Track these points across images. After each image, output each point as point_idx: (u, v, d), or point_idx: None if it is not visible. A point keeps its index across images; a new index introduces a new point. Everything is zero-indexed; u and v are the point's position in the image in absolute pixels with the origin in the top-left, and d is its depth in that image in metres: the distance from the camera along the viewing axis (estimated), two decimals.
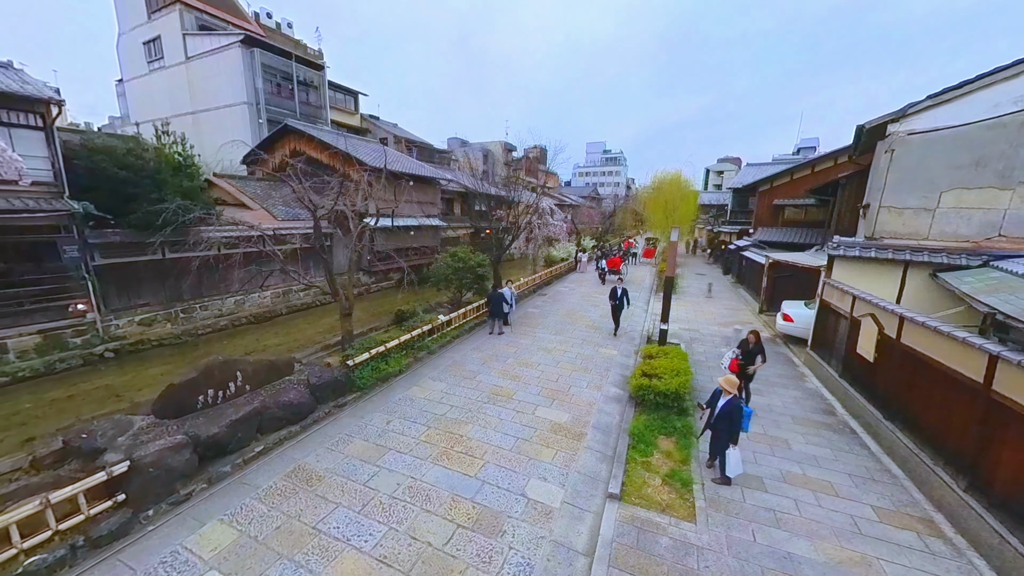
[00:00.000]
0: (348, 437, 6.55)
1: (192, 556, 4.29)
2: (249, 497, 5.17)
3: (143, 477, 4.87)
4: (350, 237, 10.35)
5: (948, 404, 5.40)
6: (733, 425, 5.36)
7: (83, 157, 11.82)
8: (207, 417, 6.01)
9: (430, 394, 8.13)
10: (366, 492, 5.28)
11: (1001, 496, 4.48)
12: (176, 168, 13.73)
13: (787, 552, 4.50)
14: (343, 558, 4.29)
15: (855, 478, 5.82)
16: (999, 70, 7.61)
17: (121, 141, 13.45)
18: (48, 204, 10.92)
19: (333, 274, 9.75)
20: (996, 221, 8.02)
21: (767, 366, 8.08)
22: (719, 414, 5.46)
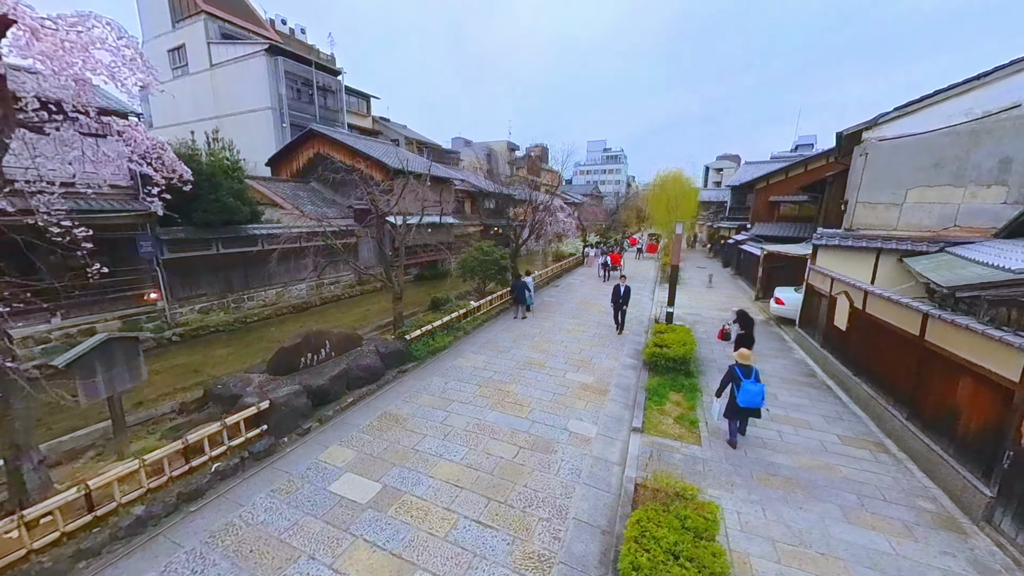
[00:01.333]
0: (417, 393, 8.06)
1: (328, 466, 5.79)
2: (355, 431, 6.67)
3: (278, 414, 6.37)
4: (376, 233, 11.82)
5: (896, 356, 6.90)
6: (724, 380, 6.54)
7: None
8: (309, 374, 7.52)
9: (474, 364, 9.63)
10: (444, 427, 6.79)
11: (929, 418, 5.97)
12: (227, 172, 15.21)
13: (770, 462, 6.00)
14: (440, 466, 5.79)
15: (826, 418, 7.33)
16: (953, 87, 9.07)
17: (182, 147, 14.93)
18: (127, 204, 12.42)
19: (388, 265, 11.17)
20: (952, 214, 9.48)
21: (762, 344, 9.59)
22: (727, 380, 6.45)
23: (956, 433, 5.40)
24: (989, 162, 8.82)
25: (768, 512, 4.97)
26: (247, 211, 15.92)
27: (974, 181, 9.05)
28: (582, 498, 5.22)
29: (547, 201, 19.16)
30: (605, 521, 4.88)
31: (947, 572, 4.17)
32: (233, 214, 15.12)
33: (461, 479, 5.51)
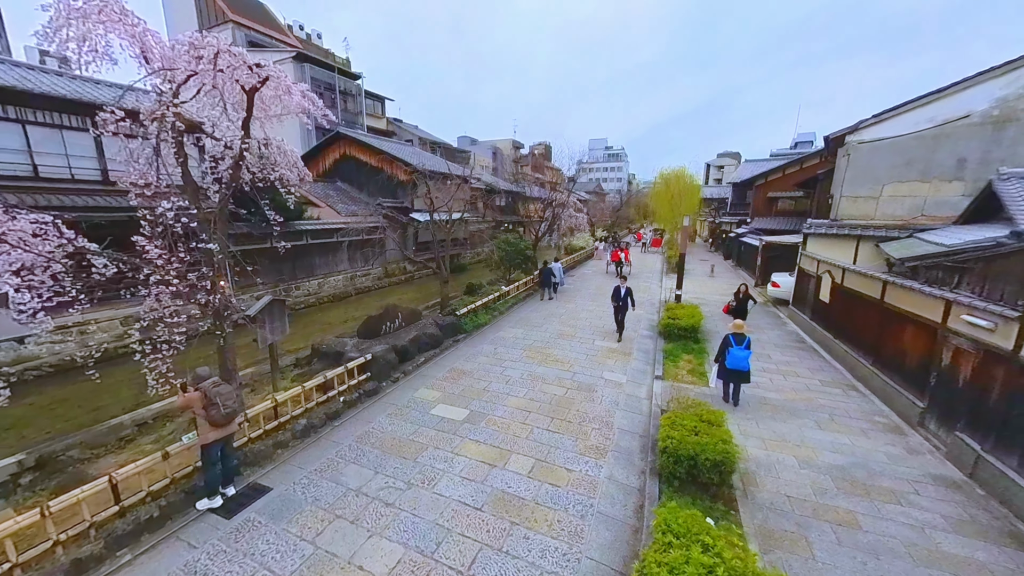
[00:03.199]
0: (474, 355, 9.80)
1: (423, 400, 7.53)
2: (433, 380, 8.41)
3: (377, 365, 8.11)
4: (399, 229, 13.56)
5: (865, 317, 8.62)
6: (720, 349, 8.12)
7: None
8: (390, 338, 9.26)
9: (514, 335, 11.37)
10: (504, 377, 8.53)
11: (886, 361, 7.70)
12: None
13: (763, 397, 7.73)
14: (509, 399, 7.53)
15: (810, 369, 9.08)
16: (918, 98, 10.74)
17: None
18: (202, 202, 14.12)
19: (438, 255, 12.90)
20: (920, 205, 11.17)
21: (760, 319, 11.28)
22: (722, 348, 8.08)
23: (903, 368, 7.13)
24: (949, 161, 10.52)
25: (760, 424, 6.72)
26: (296, 209, 17.65)
27: (938, 177, 10.75)
28: (622, 417, 6.97)
29: (564, 199, 20.89)
30: (641, 430, 6.63)
31: (888, 453, 5.90)
32: (286, 212, 16.84)
33: (528, 407, 7.25)
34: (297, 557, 4.13)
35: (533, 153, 76.74)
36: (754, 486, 5.23)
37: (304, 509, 4.79)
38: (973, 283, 5.79)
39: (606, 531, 4.52)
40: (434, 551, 4.19)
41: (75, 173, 11.42)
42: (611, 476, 5.45)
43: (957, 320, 5.89)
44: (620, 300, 11.02)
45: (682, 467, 4.90)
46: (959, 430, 5.67)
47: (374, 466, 5.58)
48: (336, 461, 5.71)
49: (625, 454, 5.99)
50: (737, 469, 5.25)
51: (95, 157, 11.86)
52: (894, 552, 4.22)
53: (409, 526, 4.51)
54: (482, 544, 4.28)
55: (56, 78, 11.77)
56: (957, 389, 5.84)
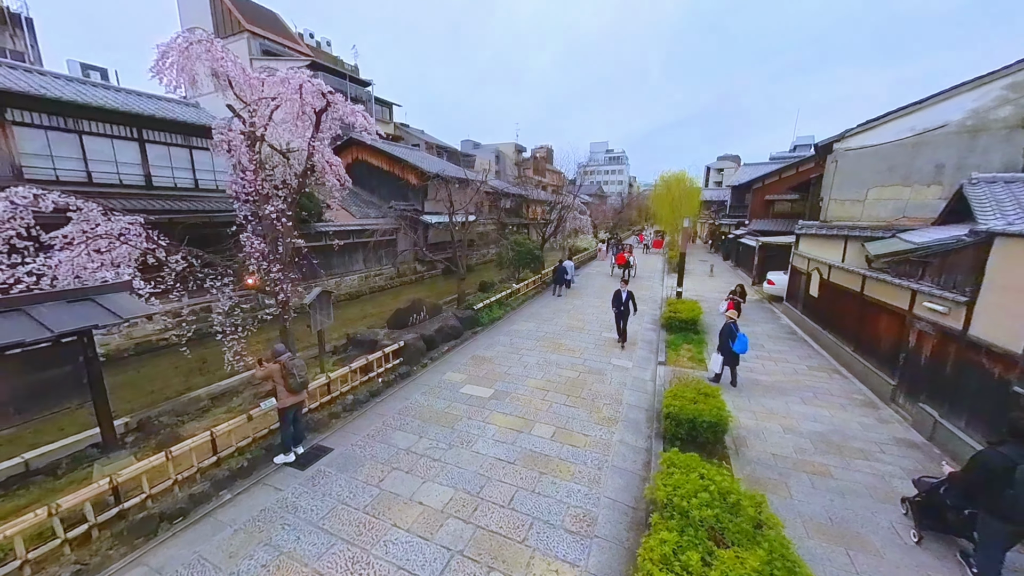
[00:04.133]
0: (492, 345, 10.71)
1: (451, 382, 8.43)
2: (458, 365, 9.32)
3: (408, 351, 9.03)
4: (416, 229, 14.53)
5: (847, 308, 9.53)
6: (721, 339, 9.12)
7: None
8: (416, 328, 10.19)
9: (527, 328, 12.28)
10: (522, 363, 9.44)
11: (865, 347, 8.60)
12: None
13: (755, 379, 8.64)
14: (528, 380, 8.44)
15: (799, 357, 9.98)
16: (899, 109, 11.67)
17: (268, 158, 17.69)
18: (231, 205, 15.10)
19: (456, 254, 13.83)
20: (902, 207, 12.07)
21: (756, 314, 12.18)
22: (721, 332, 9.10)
23: (879, 352, 8.04)
24: (928, 167, 11.44)
25: (751, 401, 7.62)
26: (316, 211, 18.64)
27: (918, 182, 11.66)
28: (629, 395, 7.88)
29: (570, 202, 21.86)
30: (647, 406, 7.54)
31: (861, 423, 6.81)
32: (309, 213, 17.84)
33: (546, 387, 8.16)
34: (367, 496, 5.04)
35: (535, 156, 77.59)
36: (744, 447, 6.14)
37: (365, 463, 5.70)
38: (933, 275, 6.71)
39: (619, 479, 5.43)
40: (479, 491, 5.10)
41: (123, 179, 12.39)
42: (622, 439, 6.36)
43: (920, 307, 6.80)
44: (622, 305, 10.52)
45: (683, 429, 5.81)
46: (922, 401, 6.57)
47: (418, 432, 6.50)
48: (384, 429, 6.62)
49: (633, 424, 6.90)
50: (730, 432, 6.16)
51: (140, 163, 12.85)
52: (857, 493, 5.12)
53: (455, 475, 5.43)
54: (517, 487, 5.19)
55: (104, 90, 12.77)
56: (920, 367, 6.75)
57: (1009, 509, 3.50)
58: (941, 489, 4.21)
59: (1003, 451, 3.60)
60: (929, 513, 4.32)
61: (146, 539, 4.34)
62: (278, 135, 7.41)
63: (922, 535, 4.34)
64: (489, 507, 4.84)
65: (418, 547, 4.26)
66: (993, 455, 3.66)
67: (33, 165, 10.64)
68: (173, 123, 13.41)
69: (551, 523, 4.60)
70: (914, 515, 4.46)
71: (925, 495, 4.39)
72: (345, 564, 4.04)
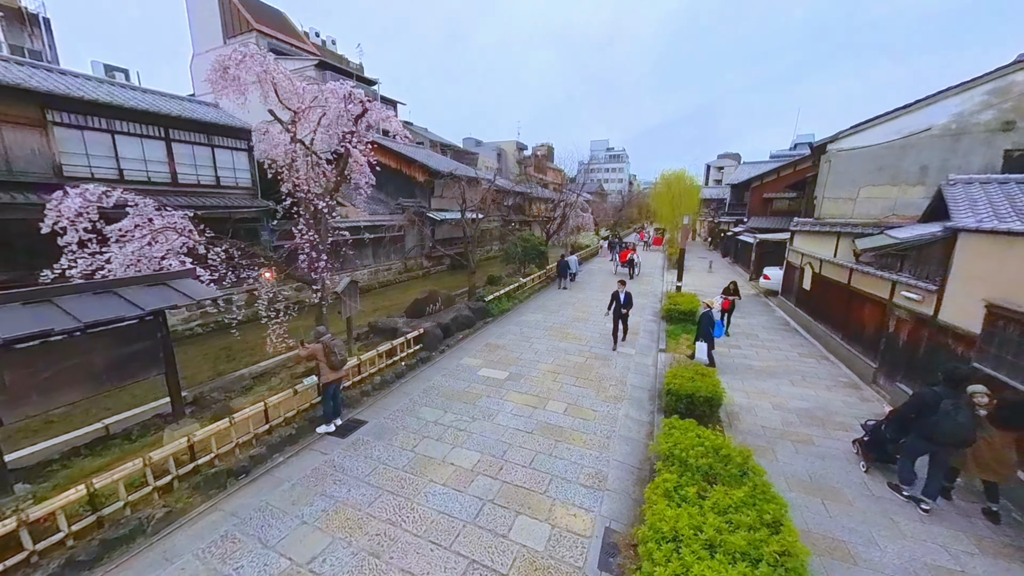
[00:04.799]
0: (503, 334, 11.39)
1: (468, 366, 9.11)
2: (473, 351, 10.00)
3: (428, 337, 9.70)
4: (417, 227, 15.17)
5: (836, 300, 10.21)
6: (703, 328, 9.82)
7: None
8: (433, 318, 10.86)
9: (535, 319, 12.96)
10: (532, 350, 10.12)
11: (852, 335, 9.29)
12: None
13: (749, 365, 9.33)
14: (539, 365, 9.11)
15: (791, 345, 10.68)
16: (887, 113, 12.32)
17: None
18: (251, 201, 15.77)
19: (469, 249, 14.49)
20: (891, 205, 12.74)
21: (752, 307, 12.85)
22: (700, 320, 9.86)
23: (863, 338, 8.73)
24: (914, 168, 12.10)
25: (744, 382, 8.32)
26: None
27: (905, 181, 12.33)
28: (633, 377, 8.57)
29: (573, 200, 22.53)
30: (649, 387, 8.22)
31: (844, 401, 7.50)
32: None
33: (556, 370, 8.85)
34: (403, 459, 5.72)
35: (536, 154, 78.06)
36: (737, 420, 6.83)
37: (398, 433, 6.39)
38: (910, 267, 7.39)
39: (626, 446, 6.12)
40: (503, 455, 5.79)
41: (151, 176, 13.02)
42: (627, 414, 7.05)
43: (899, 296, 7.48)
44: (620, 304, 10.40)
45: (682, 403, 6.49)
46: (899, 381, 7.26)
47: (443, 407, 7.18)
48: (411, 405, 7.30)
49: (637, 401, 7.59)
50: (724, 408, 6.85)
51: (166, 161, 13.48)
52: (835, 457, 5.82)
53: (480, 441, 6.11)
54: (536, 452, 5.88)
55: (132, 91, 13.38)
56: (898, 350, 7.44)
57: (932, 430, 4.62)
58: (882, 426, 5.33)
59: (936, 389, 4.74)
60: (873, 447, 5.48)
61: (218, 491, 5.02)
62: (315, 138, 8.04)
63: (868, 466, 5.53)
64: (513, 467, 5.53)
65: (454, 497, 4.94)
66: (928, 391, 4.83)
67: (71, 163, 11.27)
68: (197, 123, 14.04)
69: (567, 479, 5.29)
70: (862, 451, 5.65)
71: (870, 433, 5.55)
72: (393, 509, 4.73)
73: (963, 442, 4.50)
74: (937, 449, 4.67)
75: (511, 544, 4.25)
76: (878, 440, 5.40)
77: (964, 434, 4.45)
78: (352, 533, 4.37)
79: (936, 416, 4.54)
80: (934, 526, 4.54)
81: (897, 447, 5.18)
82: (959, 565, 4.03)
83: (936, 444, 4.64)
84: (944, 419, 4.49)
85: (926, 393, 4.81)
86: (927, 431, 4.65)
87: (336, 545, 4.22)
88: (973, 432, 4.45)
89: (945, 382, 4.75)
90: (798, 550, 3.15)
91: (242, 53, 6.69)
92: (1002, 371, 5.18)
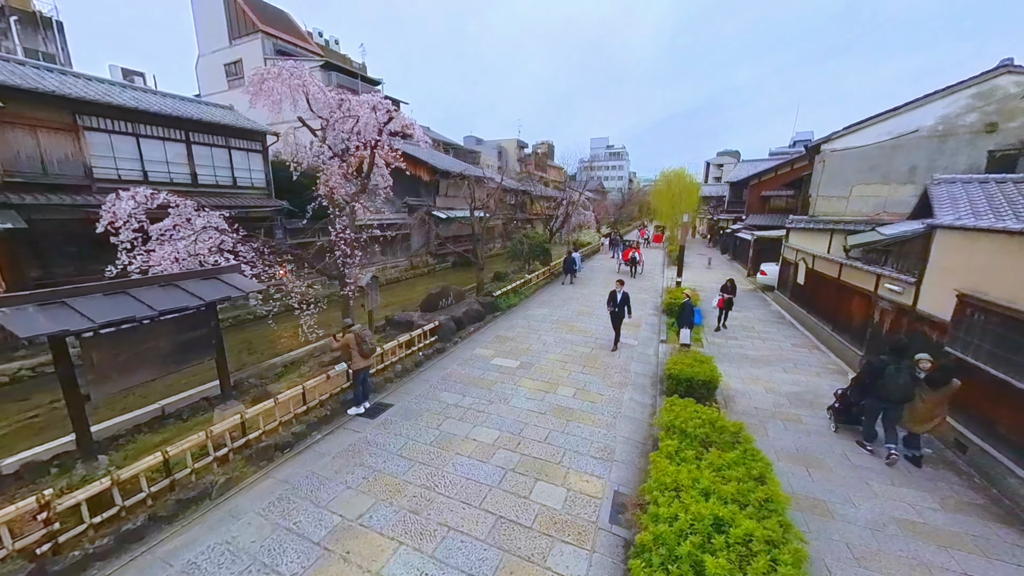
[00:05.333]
0: (512, 327, 11.98)
1: (481, 356, 9.70)
2: (485, 342, 10.59)
3: (443, 330, 10.29)
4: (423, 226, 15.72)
5: (827, 293, 10.80)
6: (684, 316, 10.40)
7: (282, 169, 17.18)
8: (446, 312, 11.45)
9: (542, 313, 13.56)
10: (541, 341, 10.72)
11: (841, 325, 9.89)
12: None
13: (744, 354, 9.93)
14: (548, 355, 9.70)
15: (785, 336, 11.28)
16: (878, 115, 12.87)
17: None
18: (265, 201, 16.33)
19: (477, 246, 15.05)
20: (882, 203, 13.31)
21: (749, 301, 13.45)
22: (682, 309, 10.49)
23: (851, 328, 9.33)
24: (903, 167, 12.68)
25: (740, 370, 8.92)
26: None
27: (895, 180, 12.90)
28: (636, 365, 9.18)
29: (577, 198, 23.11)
30: (651, 374, 8.83)
31: (831, 386, 8.04)
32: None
33: (563, 359, 9.44)
34: (430, 435, 6.32)
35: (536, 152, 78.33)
36: (732, 402, 7.43)
37: (423, 414, 6.99)
38: (893, 261, 7.98)
39: (630, 424, 6.72)
40: (520, 432, 6.39)
41: (173, 177, 13.58)
42: (631, 398, 7.65)
43: (883, 288, 8.07)
44: (616, 305, 10.20)
45: (682, 386, 7.08)
46: None
47: (461, 392, 7.78)
48: (431, 390, 7.90)
49: (640, 387, 8.19)
50: (720, 392, 7.44)
51: (186, 163, 14.03)
52: (820, 434, 6.43)
53: (498, 421, 6.71)
54: (550, 430, 6.48)
55: (154, 96, 13.93)
56: (882, 338, 8.03)
57: (881, 391, 5.72)
58: (847, 392, 6.35)
59: (883, 358, 5.83)
60: (842, 412, 6.47)
61: (267, 462, 5.62)
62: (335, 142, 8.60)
63: (838, 426, 6.53)
64: (529, 442, 6.13)
65: (479, 467, 5.55)
66: (876, 360, 5.93)
67: (100, 166, 11.84)
68: (215, 126, 14.58)
69: (579, 452, 5.89)
70: (834, 416, 6.61)
71: (839, 400, 6.51)
72: (426, 476, 5.33)
73: (904, 398, 5.57)
74: (888, 406, 5.74)
75: (532, 504, 4.85)
76: (846, 405, 6.39)
77: (904, 392, 5.55)
78: (392, 496, 4.97)
79: (883, 379, 5.62)
80: (904, 488, 5.15)
81: (860, 409, 6.19)
82: (922, 518, 4.64)
83: (885, 402, 5.73)
84: (889, 381, 5.59)
85: (875, 361, 5.92)
86: (878, 392, 5.75)
87: (379, 505, 4.82)
88: (911, 390, 5.53)
89: (890, 352, 5.88)
90: (779, 497, 3.75)
91: (280, 68, 7.24)
92: (968, 353, 5.77)
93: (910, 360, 5.72)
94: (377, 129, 8.14)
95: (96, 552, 3.97)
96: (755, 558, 2.98)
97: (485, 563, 4.03)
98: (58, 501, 3.90)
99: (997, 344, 5.35)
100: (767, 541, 3.14)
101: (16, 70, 10.55)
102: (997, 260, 5.59)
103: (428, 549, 4.18)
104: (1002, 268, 5.46)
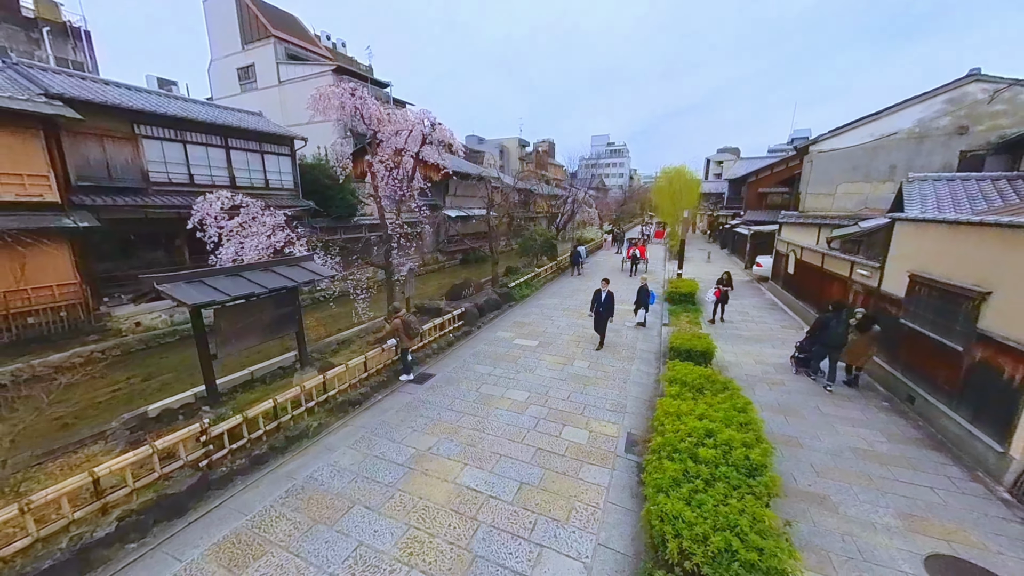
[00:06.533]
0: (527, 314, 13.24)
1: (504, 338, 10.96)
2: (506, 326, 11.85)
3: (467, 315, 11.54)
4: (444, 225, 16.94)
5: (813, 281, 12.04)
6: (640, 298, 11.71)
7: (307, 172, 18.43)
8: (468, 300, 12.71)
9: (553, 303, 14.81)
10: (555, 325, 11.98)
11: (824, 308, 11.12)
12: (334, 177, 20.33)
13: (739, 334, 11.19)
14: (563, 336, 10.97)
15: (776, 319, 12.53)
16: (861, 119, 14.08)
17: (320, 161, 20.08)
18: (295, 201, 17.57)
19: (492, 242, 16.29)
20: (865, 200, 14.52)
21: (745, 291, 14.68)
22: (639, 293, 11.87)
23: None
24: (884, 167, 13.89)
25: (734, 346, 10.18)
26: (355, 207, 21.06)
27: (876, 179, 14.12)
28: (642, 344, 10.44)
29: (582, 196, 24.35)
30: (655, 351, 10.09)
31: None
32: (351, 209, 20.28)
33: (576, 340, 10.71)
34: (471, 397, 7.58)
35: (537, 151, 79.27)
36: (726, 371, 8.66)
37: (462, 381, 8.25)
38: (864, 249, 9.21)
39: (638, 388, 7.98)
40: (546, 393, 7.66)
41: (214, 180, 14.82)
42: (639, 368, 8.92)
43: (856, 273, 9.31)
44: (601, 305, 9.99)
45: (682, 355, 8.32)
46: None
47: (491, 365, 9.04)
48: (465, 364, 9.16)
49: (646, 361, 9.45)
50: (715, 362, 8.69)
51: (225, 167, 15.27)
52: (800, 392, 7.69)
53: (527, 385, 7.98)
54: (571, 391, 7.74)
55: (196, 105, 15.15)
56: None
57: (825, 339, 7.82)
58: (803, 342, 8.43)
59: (827, 314, 7.92)
60: (801, 359, 8.51)
61: (343, 415, 6.89)
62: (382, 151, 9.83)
63: (798, 370, 8.54)
64: (555, 400, 7.40)
65: (515, 417, 6.81)
66: (822, 315, 8.10)
67: (153, 171, 13.08)
68: (250, 132, 15.81)
69: (596, 407, 7.16)
70: (795, 363, 8.65)
71: (799, 349, 8.55)
72: (475, 423, 6.60)
73: (841, 344, 7.67)
74: (830, 351, 7.77)
75: (563, 440, 6.12)
76: (802, 352, 8.48)
77: (840, 339, 7.64)
78: (451, 435, 6.24)
79: (827, 330, 7.69)
80: (861, 429, 6.41)
81: (811, 354, 8.28)
82: (871, 448, 5.90)
83: (828, 347, 7.81)
84: (831, 331, 7.66)
85: (821, 315, 8.18)
86: (822, 340, 7.85)
87: (442, 441, 6.09)
88: (846, 337, 7.64)
89: (832, 309, 7.97)
90: (755, 421, 5.01)
91: (343, 89, 8.46)
92: (916, 323, 7.01)
93: (848, 314, 7.86)
94: (420, 141, 9.35)
95: (236, 469, 5.24)
96: (734, 451, 4.24)
97: (532, 475, 5.30)
98: (211, 429, 5.16)
99: (936, 313, 6.59)
100: (744, 444, 4.40)
101: (89, 86, 11.79)
102: (940, 245, 6.82)
103: (488, 467, 5.45)
104: (942, 252, 6.70)
